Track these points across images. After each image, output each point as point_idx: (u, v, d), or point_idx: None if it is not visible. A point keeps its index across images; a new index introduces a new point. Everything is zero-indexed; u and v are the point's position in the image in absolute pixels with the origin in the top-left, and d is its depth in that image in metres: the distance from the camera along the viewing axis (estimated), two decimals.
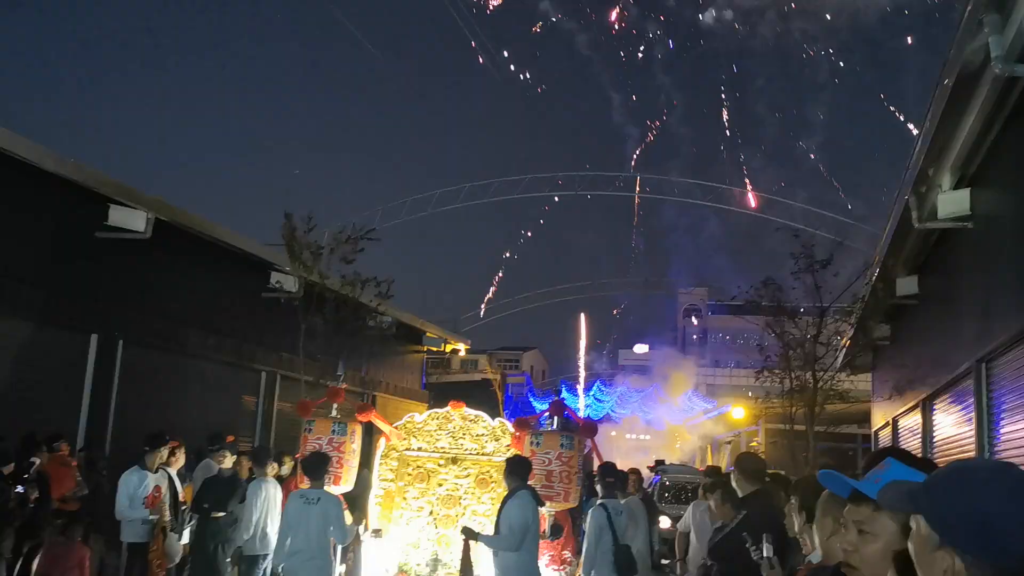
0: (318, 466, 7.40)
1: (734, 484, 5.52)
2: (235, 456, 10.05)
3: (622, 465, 10.26)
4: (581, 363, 49.02)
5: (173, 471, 9.05)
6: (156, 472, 8.68)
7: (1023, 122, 7.38)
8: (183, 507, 9.05)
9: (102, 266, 12.62)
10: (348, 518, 7.57)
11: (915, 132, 9.53)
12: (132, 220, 12.32)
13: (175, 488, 9.00)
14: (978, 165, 8.75)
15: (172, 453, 9.12)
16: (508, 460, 7.39)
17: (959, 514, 1.39)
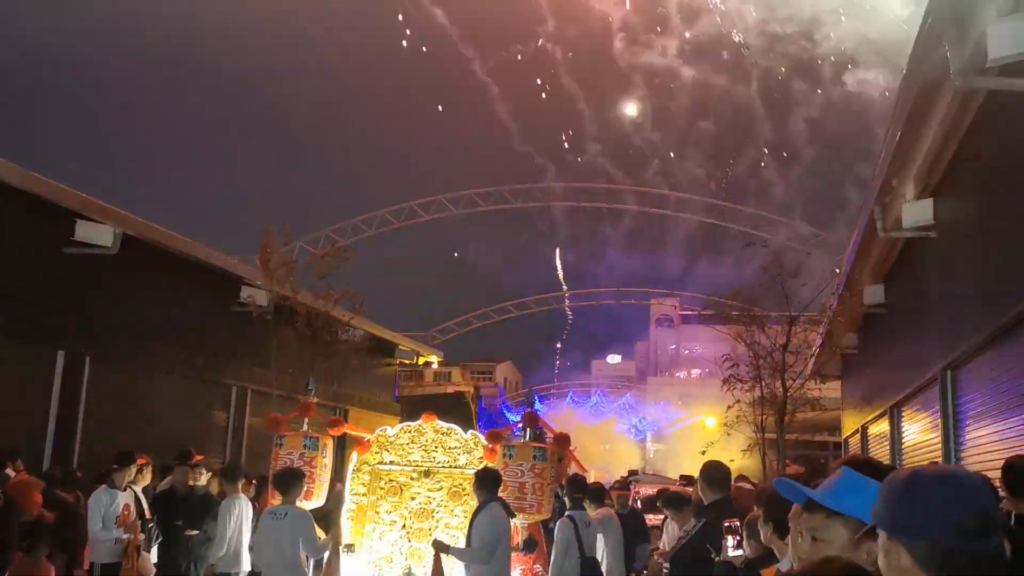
0: (288, 482, 7.36)
1: (699, 492, 5.52)
2: (208, 473, 9.99)
3: (597, 476, 10.26)
4: None
5: (139, 489, 8.96)
6: (125, 490, 8.59)
7: (983, 133, 7.53)
8: (150, 525, 8.96)
9: (69, 282, 12.47)
10: (320, 533, 7.52)
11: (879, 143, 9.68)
12: (99, 235, 12.20)
13: (141, 506, 8.92)
14: (941, 175, 8.91)
15: (139, 471, 9.03)
16: (477, 473, 7.39)
17: (899, 510, 1.62)
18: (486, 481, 7.18)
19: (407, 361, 30.57)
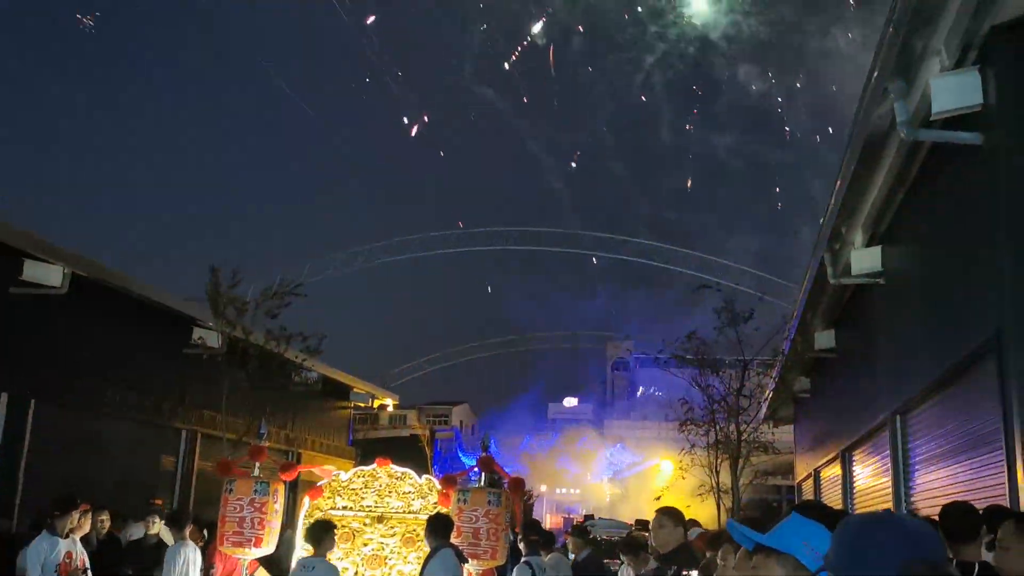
0: (319, 535, 7.20)
1: (653, 538, 5.45)
2: (160, 521, 9.71)
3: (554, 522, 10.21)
4: None
5: (77, 537, 8.67)
6: (66, 537, 8.30)
7: (928, 183, 7.74)
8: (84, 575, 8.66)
9: (15, 322, 12.19)
10: None
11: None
12: (48, 275, 11.96)
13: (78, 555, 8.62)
14: (888, 224, 9.12)
15: (79, 517, 8.74)
16: (429, 519, 7.31)
17: (850, 556, 1.69)
18: (438, 527, 7.09)
19: (362, 404, 30.22)
